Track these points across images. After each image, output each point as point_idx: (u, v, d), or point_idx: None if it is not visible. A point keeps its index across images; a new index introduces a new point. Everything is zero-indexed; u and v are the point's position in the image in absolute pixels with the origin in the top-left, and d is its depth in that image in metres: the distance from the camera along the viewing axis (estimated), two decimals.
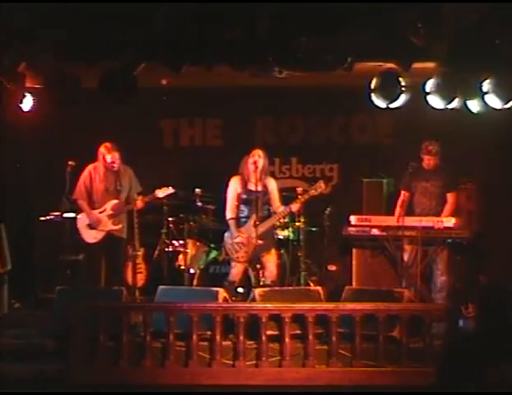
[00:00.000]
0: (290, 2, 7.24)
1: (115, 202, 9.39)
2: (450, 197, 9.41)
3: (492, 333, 4.37)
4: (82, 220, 9.41)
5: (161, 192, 9.46)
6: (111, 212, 9.37)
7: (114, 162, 9.32)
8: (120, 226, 9.41)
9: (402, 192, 9.53)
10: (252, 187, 9.10)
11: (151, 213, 9.85)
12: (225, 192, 9.24)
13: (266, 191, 9.11)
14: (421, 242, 9.13)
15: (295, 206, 9.08)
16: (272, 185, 9.22)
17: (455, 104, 8.00)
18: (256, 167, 9.01)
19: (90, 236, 9.38)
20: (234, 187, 9.20)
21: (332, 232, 10.19)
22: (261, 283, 9.15)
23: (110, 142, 9.35)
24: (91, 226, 9.36)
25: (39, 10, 7.26)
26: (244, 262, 9.13)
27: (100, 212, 9.37)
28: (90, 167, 9.44)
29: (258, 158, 9.05)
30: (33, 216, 10.34)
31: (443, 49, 7.44)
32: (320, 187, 9.14)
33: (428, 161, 9.35)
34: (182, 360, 7.88)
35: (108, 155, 9.31)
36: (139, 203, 9.36)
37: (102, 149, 9.35)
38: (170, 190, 9.48)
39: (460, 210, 9.64)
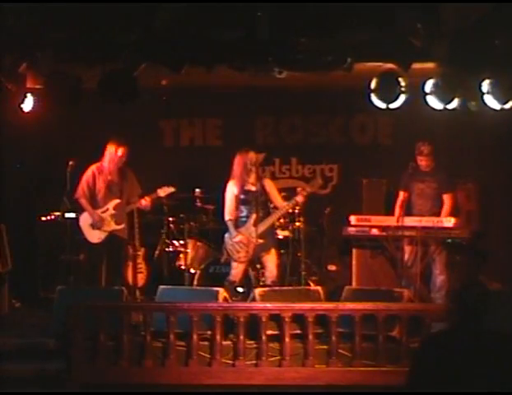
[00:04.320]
0: (290, 2, 7.24)
1: (117, 201, 9.38)
2: (447, 198, 9.41)
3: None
4: (85, 219, 9.38)
5: (162, 192, 9.45)
6: (114, 212, 9.36)
7: (123, 156, 9.33)
8: (123, 226, 9.41)
9: (401, 193, 9.54)
10: (249, 187, 9.10)
11: (151, 213, 9.85)
12: (223, 196, 9.23)
13: (264, 190, 9.11)
14: (421, 242, 9.15)
15: (300, 198, 9.03)
16: (270, 185, 9.22)
17: (454, 104, 8.00)
18: (252, 166, 9.02)
19: (94, 236, 9.36)
20: (231, 190, 9.17)
21: (332, 232, 10.20)
22: (261, 283, 9.17)
23: (117, 138, 9.37)
24: (94, 226, 9.34)
25: (39, 10, 7.26)
26: (244, 262, 9.12)
27: (103, 212, 9.36)
28: (93, 167, 9.43)
29: (252, 157, 9.05)
30: (34, 216, 10.34)
31: (442, 49, 7.42)
32: (318, 183, 9.17)
33: (421, 162, 9.36)
34: (182, 360, 7.89)
35: (119, 148, 9.31)
36: (145, 202, 9.34)
37: (111, 144, 9.33)
38: (171, 189, 9.48)
39: (459, 210, 9.66)
